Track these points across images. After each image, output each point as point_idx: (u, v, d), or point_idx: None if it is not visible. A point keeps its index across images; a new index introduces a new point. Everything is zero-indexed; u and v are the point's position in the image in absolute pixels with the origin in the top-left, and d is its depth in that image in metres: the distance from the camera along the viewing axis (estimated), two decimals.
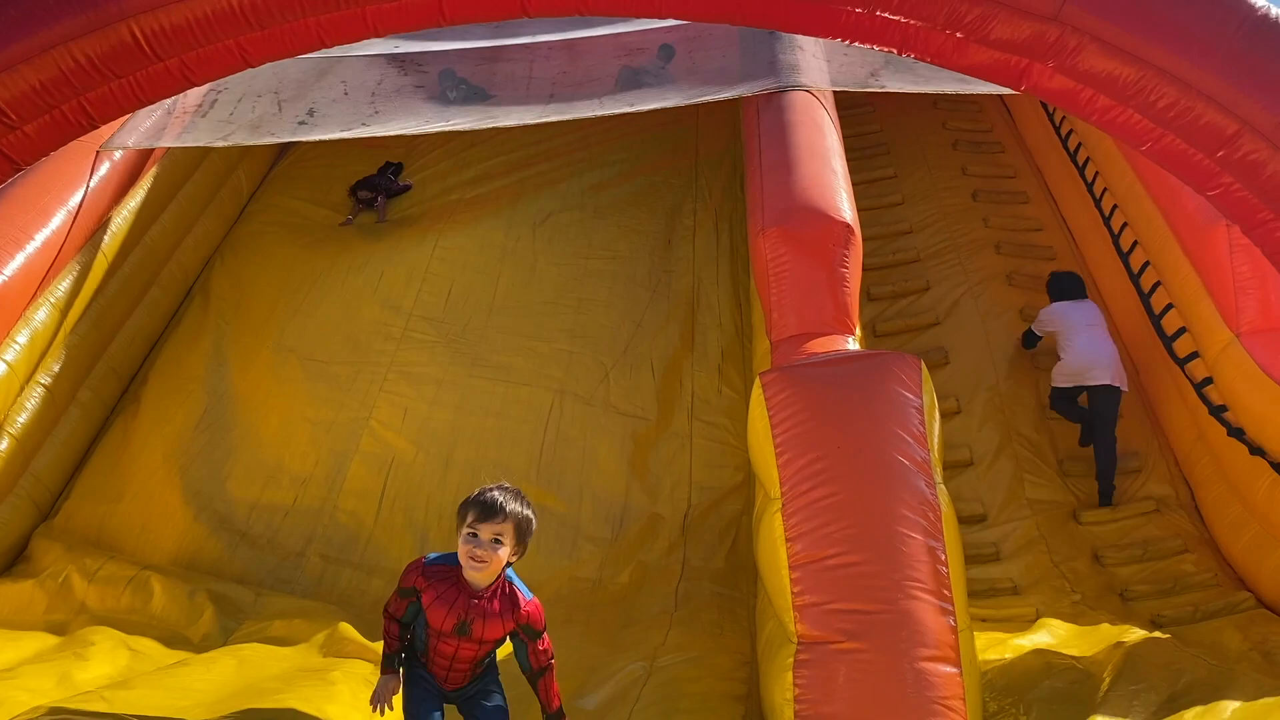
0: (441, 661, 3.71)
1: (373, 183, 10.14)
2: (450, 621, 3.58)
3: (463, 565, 3.53)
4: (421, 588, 3.62)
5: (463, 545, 3.50)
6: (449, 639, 3.63)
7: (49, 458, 7.37)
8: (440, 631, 3.61)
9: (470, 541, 3.48)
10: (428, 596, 3.60)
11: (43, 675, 4.88)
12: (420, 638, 3.75)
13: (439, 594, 3.58)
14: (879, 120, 10.48)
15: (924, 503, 3.71)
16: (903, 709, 3.47)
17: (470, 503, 3.53)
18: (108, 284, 8.07)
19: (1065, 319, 7.49)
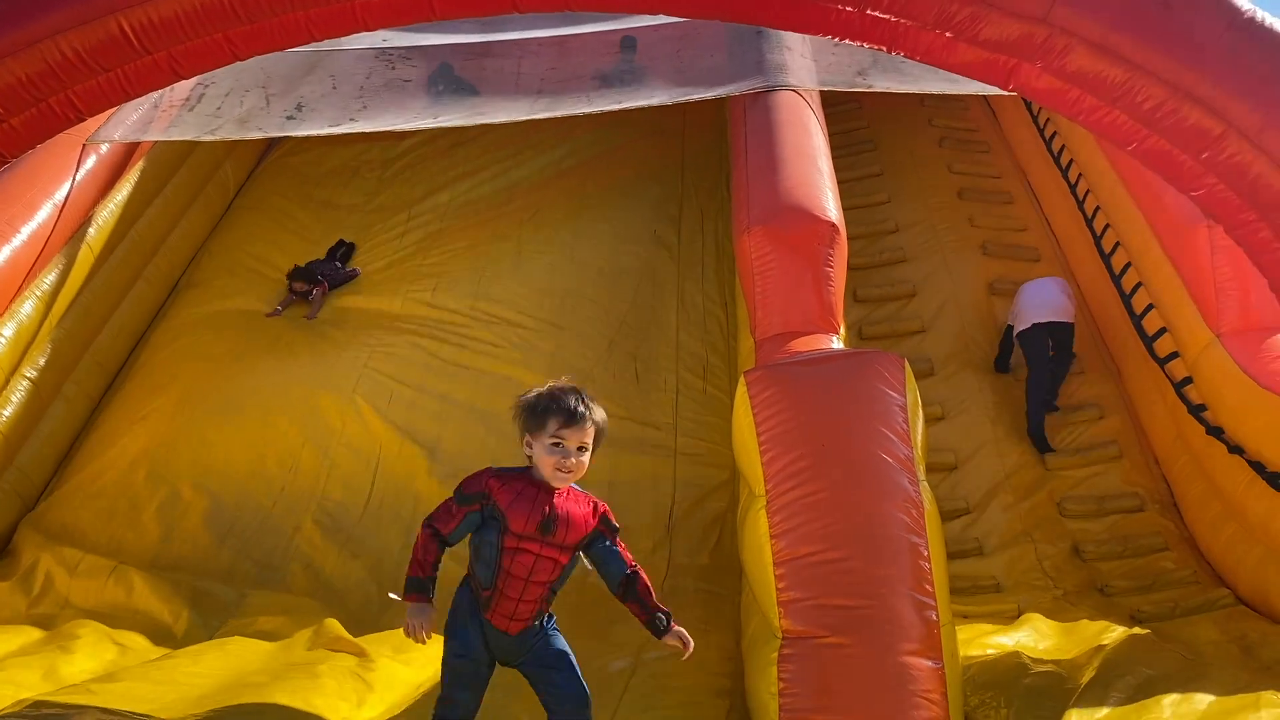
0: (513, 589, 3.36)
1: (313, 272, 8.93)
2: (534, 521, 3.32)
3: (547, 477, 3.34)
4: (495, 489, 3.36)
5: (547, 456, 3.32)
6: (530, 544, 3.34)
7: (33, 451, 7.36)
8: (521, 535, 3.32)
9: (556, 452, 3.31)
10: (505, 496, 3.34)
11: (28, 669, 4.87)
12: (489, 560, 3.37)
13: (518, 493, 3.35)
14: (866, 117, 10.52)
15: (907, 499, 3.75)
16: (885, 702, 3.52)
17: (548, 410, 3.34)
18: (94, 278, 8.06)
19: (1022, 288, 8.02)
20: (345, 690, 4.60)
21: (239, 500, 7.39)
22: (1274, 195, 4.31)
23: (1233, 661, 4.79)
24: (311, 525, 7.17)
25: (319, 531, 7.14)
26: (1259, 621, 5.64)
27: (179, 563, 7.01)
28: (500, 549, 3.35)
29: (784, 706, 3.58)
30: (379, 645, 5.24)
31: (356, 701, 4.51)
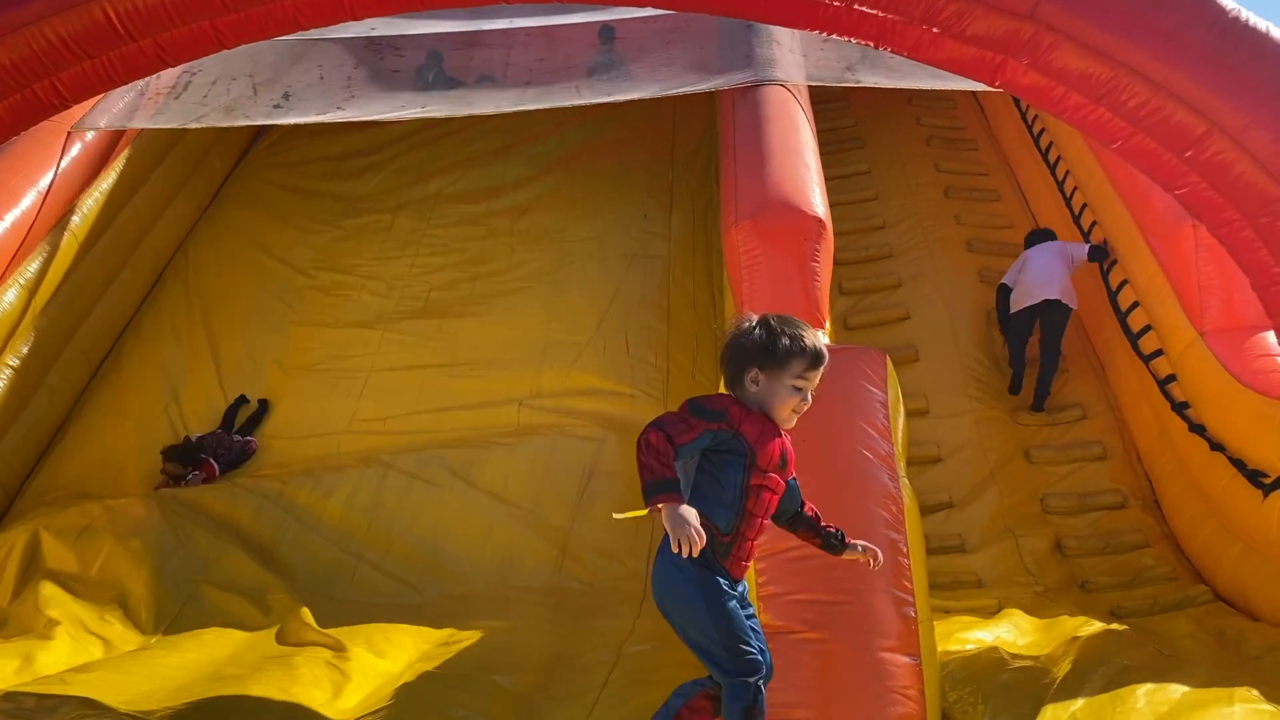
0: (751, 530, 3.10)
1: (194, 450, 7.41)
2: (774, 456, 3.08)
3: (781, 418, 3.08)
4: (739, 418, 3.04)
5: (787, 397, 3.07)
6: (770, 481, 3.09)
7: (15, 440, 7.34)
8: (765, 471, 3.07)
9: (797, 394, 3.07)
10: (751, 428, 3.04)
11: (4, 658, 4.86)
12: (730, 502, 3.06)
13: (761, 427, 3.07)
14: (854, 114, 10.53)
15: (886, 496, 3.76)
16: (862, 697, 3.53)
17: (793, 352, 3.07)
18: (78, 266, 8.02)
19: (1024, 256, 8.05)
20: (321, 680, 4.59)
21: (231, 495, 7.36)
22: (1256, 194, 4.34)
23: (1209, 656, 4.82)
24: (300, 525, 7.14)
25: (307, 531, 7.10)
26: (1236, 618, 5.69)
27: (161, 553, 6.99)
28: (745, 487, 3.04)
29: None
30: (353, 637, 5.23)
31: (333, 692, 4.51)
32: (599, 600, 6.23)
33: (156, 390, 8.15)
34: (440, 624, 5.71)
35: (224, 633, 5.43)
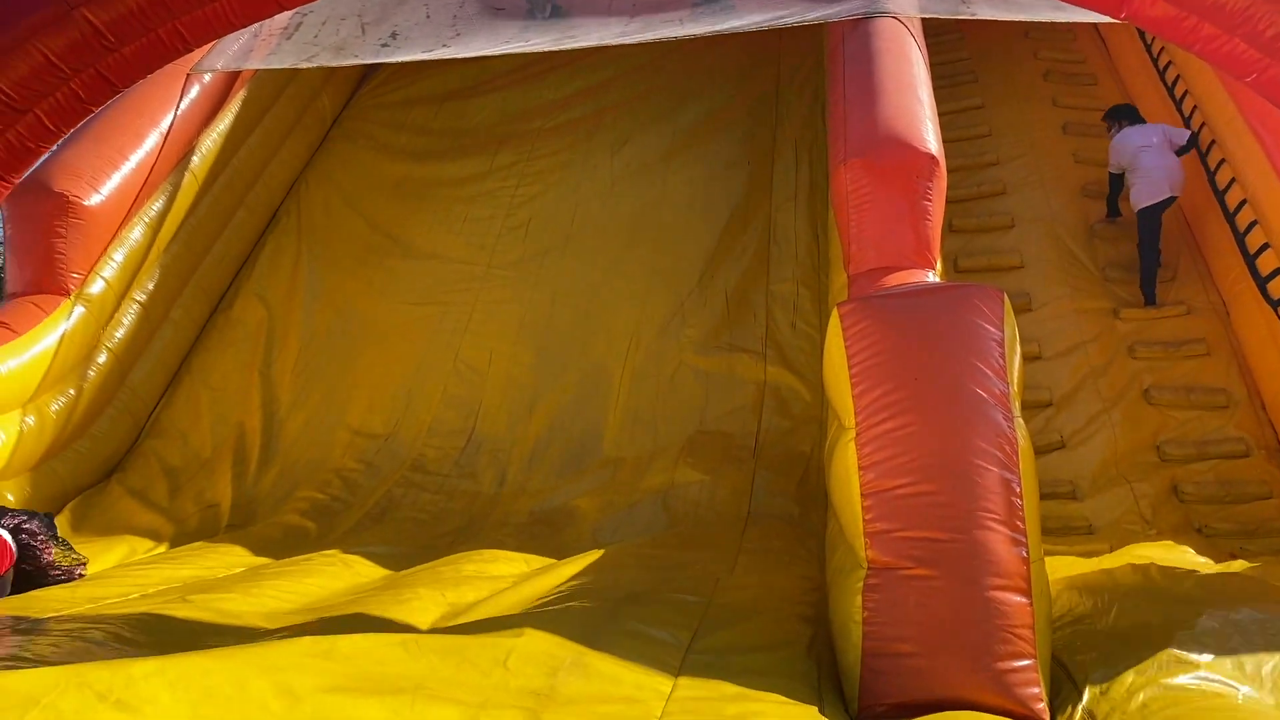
0: None
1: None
2: None
3: None
4: None
5: None
6: None
7: (144, 372, 7.68)
8: None
9: None
10: None
11: (139, 576, 5.14)
12: None
13: None
14: (968, 48, 10.17)
15: (1000, 435, 3.68)
16: (970, 635, 3.50)
17: None
18: (198, 205, 8.30)
19: (1131, 144, 7.93)
20: (429, 604, 4.71)
21: (351, 435, 7.63)
22: None
23: None
24: (411, 466, 7.37)
25: (418, 472, 7.33)
26: None
27: (272, 489, 7.29)
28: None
29: (868, 634, 3.59)
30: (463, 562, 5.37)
31: (440, 615, 4.62)
32: (698, 537, 6.28)
33: (263, 327, 8.45)
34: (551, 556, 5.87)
35: (336, 570, 5.57)
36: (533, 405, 7.77)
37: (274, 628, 4.19)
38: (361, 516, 6.92)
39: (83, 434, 7.14)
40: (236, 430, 7.71)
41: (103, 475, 7.31)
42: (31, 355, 6.66)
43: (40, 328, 6.79)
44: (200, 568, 5.44)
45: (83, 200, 7.09)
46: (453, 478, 7.36)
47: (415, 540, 6.43)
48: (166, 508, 6.99)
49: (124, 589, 4.72)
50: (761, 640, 3.87)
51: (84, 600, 4.47)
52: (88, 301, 7.13)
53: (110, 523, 6.71)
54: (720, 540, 5.97)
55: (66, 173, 7.12)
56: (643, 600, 4.35)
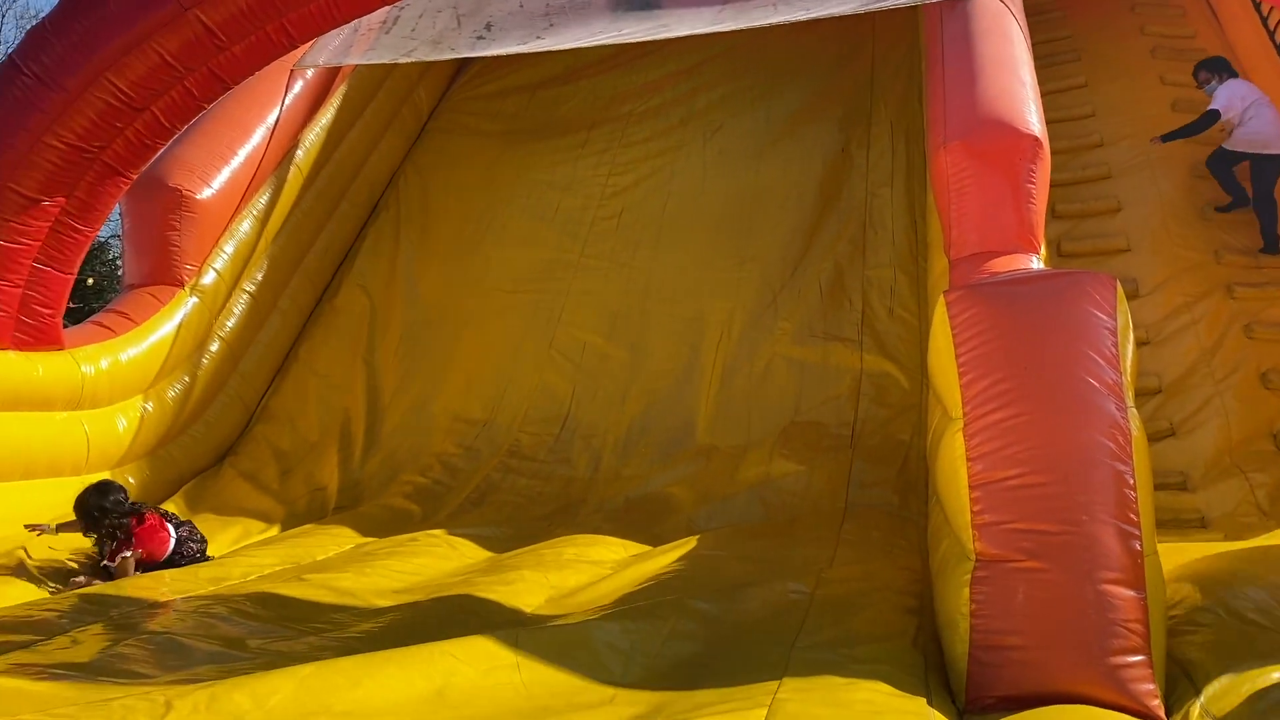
0: None
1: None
2: None
3: None
4: None
5: None
6: None
7: (254, 360, 7.95)
8: None
9: None
10: None
11: (256, 556, 5.34)
12: None
13: None
14: (1070, 25, 9.89)
15: (1113, 425, 3.59)
16: (1082, 628, 3.43)
17: None
18: (303, 198, 8.55)
19: (1241, 95, 7.94)
20: (535, 587, 4.80)
21: (451, 419, 7.80)
22: None
23: None
24: (508, 451, 7.50)
25: (514, 457, 7.45)
26: None
27: (375, 475, 7.49)
28: None
29: (976, 627, 3.55)
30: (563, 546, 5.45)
31: (545, 599, 4.71)
32: (795, 528, 6.27)
33: (366, 315, 8.67)
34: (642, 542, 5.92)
35: (443, 550, 5.72)
36: (625, 393, 7.83)
37: (387, 605, 4.32)
38: (462, 500, 7.08)
39: (197, 419, 7.43)
40: (342, 415, 7.93)
41: (216, 459, 7.60)
42: (150, 344, 6.95)
43: (157, 317, 7.08)
44: (312, 548, 5.63)
45: (195, 195, 7.36)
46: (548, 463, 7.48)
47: (514, 523, 6.55)
48: (277, 490, 7.24)
49: (244, 569, 4.92)
50: (867, 632, 3.85)
51: (207, 581, 4.67)
52: (201, 292, 7.41)
53: (223, 505, 6.98)
54: (818, 531, 5.95)
55: (180, 168, 7.40)
56: (745, 593, 4.36)
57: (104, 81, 5.73)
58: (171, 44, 5.78)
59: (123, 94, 5.82)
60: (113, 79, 5.73)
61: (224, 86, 6.20)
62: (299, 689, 2.76)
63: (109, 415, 6.59)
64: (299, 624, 3.94)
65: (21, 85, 5.68)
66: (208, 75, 6.04)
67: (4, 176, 5.72)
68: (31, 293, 6.01)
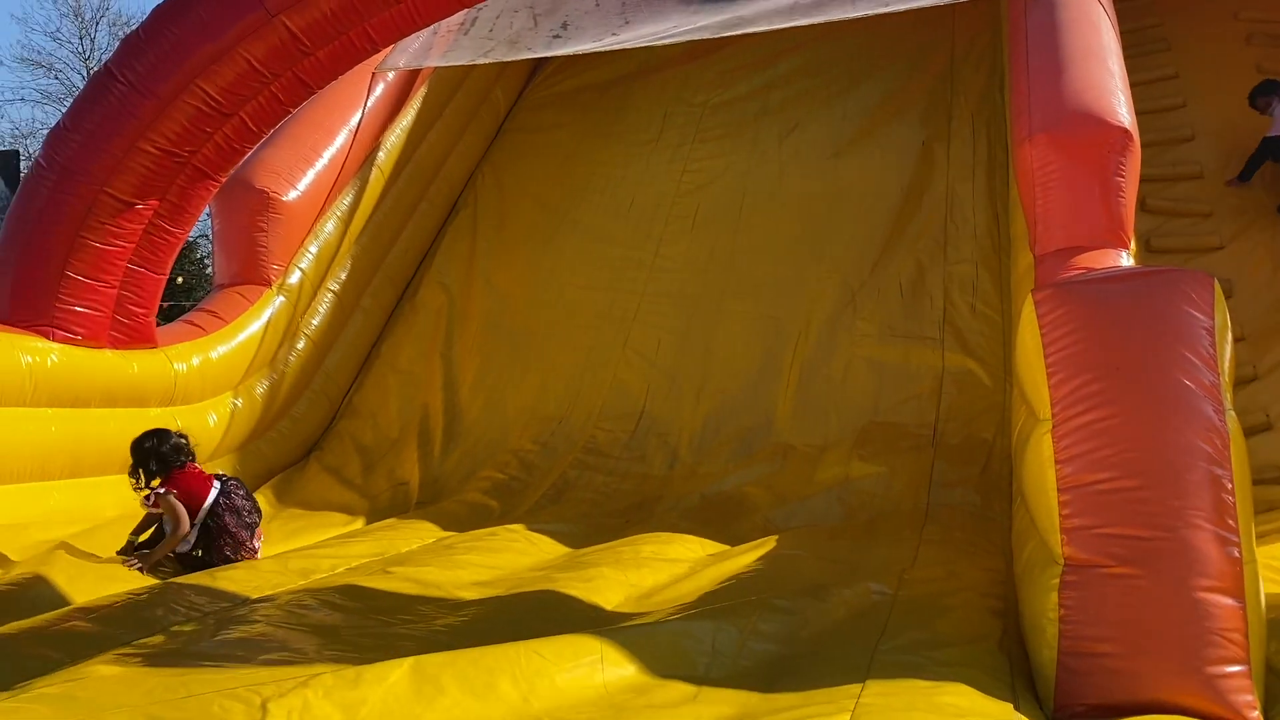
0: None
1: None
2: None
3: None
4: None
5: None
6: None
7: (338, 357, 8.13)
8: None
9: None
10: None
11: (342, 549, 5.45)
12: None
13: None
14: (1159, 13, 9.58)
15: (1210, 429, 3.48)
16: (1177, 637, 3.34)
17: None
18: (384, 199, 8.71)
19: None
20: (614, 584, 4.83)
21: (527, 418, 7.88)
22: None
23: None
24: (584, 449, 7.55)
25: (590, 454, 7.50)
26: None
27: (459, 474, 7.59)
28: None
29: (1064, 633, 3.47)
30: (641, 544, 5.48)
31: (623, 597, 4.73)
32: (875, 529, 6.20)
33: (444, 313, 8.79)
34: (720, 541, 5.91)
35: (521, 545, 5.78)
36: (700, 392, 7.82)
37: (470, 598, 4.39)
38: (539, 497, 7.14)
39: (284, 415, 7.62)
40: (421, 411, 8.06)
41: (302, 455, 7.79)
42: (239, 342, 7.15)
43: (246, 316, 7.27)
44: (396, 542, 5.73)
45: (281, 196, 7.54)
46: (624, 460, 7.50)
47: (591, 519, 6.59)
48: (360, 485, 7.39)
49: (332, 562, 5.03)
50: (951, 635, 3.79)
51: (297, 574, 4.79)
52: (287, 291, 7.59)
53: (309, 499, 7.15)
54: (899, 532, 5.88)
55: (267, 171, 7.58)
56: (827, 594, 4.33)
57: (195, 88, 5.89)
58: (258, 50, 5.91)
59: (212, 100, 5.98)
60: (203, 85, 5.89)
61: (309, 91, 6.34)
62: (387, 697, 2.81)
63: (200, 411, 6.78)
64: (386, 616, 4.03)
65: (117, 93, 5.87)
66: (293, 80, 6.18)
67: (100, 181, 5.92)
68: (126, 293, 6.21)
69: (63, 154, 5.90)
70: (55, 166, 5.91)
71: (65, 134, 5.93)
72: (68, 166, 5.88)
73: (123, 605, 4.06)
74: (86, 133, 5.87)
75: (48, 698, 2.93)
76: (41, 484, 5.79)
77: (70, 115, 6.01)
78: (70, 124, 5.96)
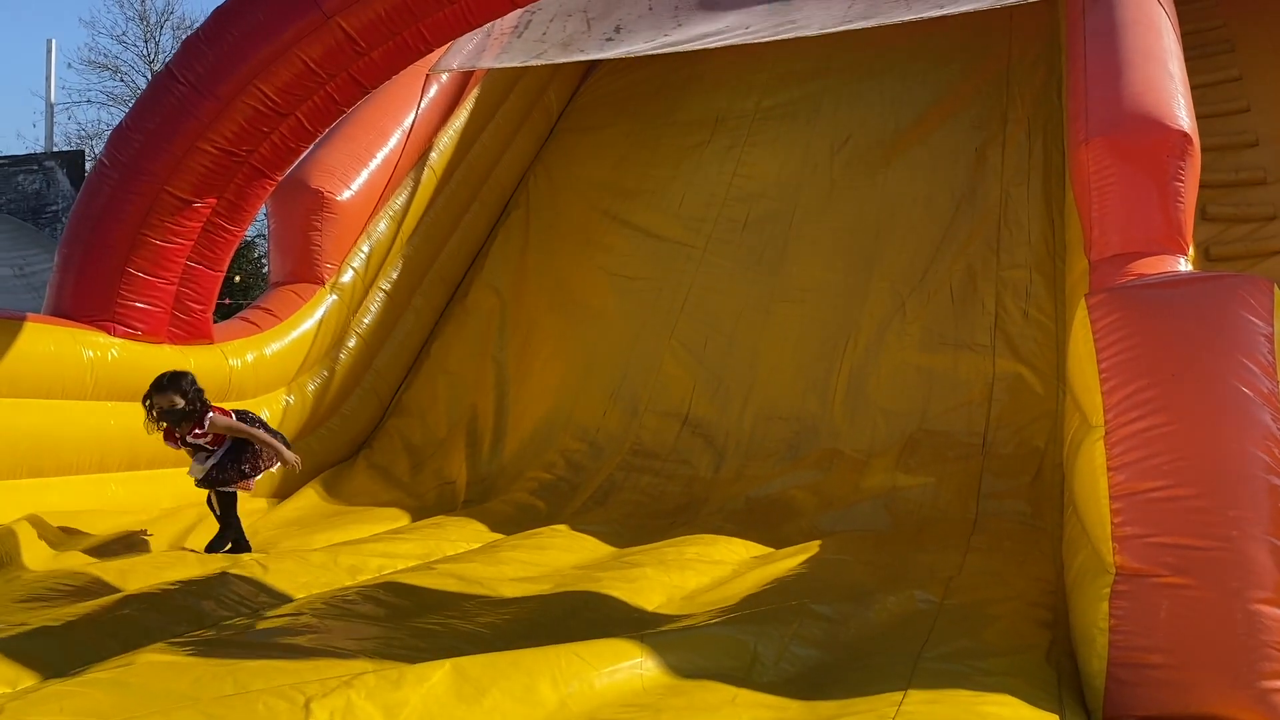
0: None
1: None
2: None
3: None
4: None
5: None
6: None
7: (389, 356, 8.22)
8: None
9: None
10: None
11: (390, 547, 5.51)
12: None
13: None
14: (1223, 14, 9.39)
15: (1268, 437, 3.40)
16: (1231, 649, 3.26)
17: None
18: (436, 199, 8.79)
19: None
20: (659, 584, 4.82)
21: (569, 415, 7.91)
22: None
23: None
24: (630, 448, 7.56)
25: (636, 453, 7.51)
26: None
27: (503, 468, 7.64)
28: None
29: (1115, 643, 3.41)
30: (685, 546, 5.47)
31: (666, 597, 4.72)
32: (923, 536, 6.13)
33: (495, 314, 8.85)
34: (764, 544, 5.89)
35: (567, 546, 5.79)
36: (748, 394, 7.79)
37: (513, 595, 4.42)
38: (586, 498, 7.16)
39: (334, 413, 7.72)
40: (470, 412, 8.13)
41: (351, 452, 7.88)
42: (292, 339, 7.26)
43: (299, 314, 7.38)
44: (442, 540, 5.77)
45: (335, 196, 7.65)
46: (670, 461, 7.50)
47: (636, 520, 6.60)
48: (408, 484, 7.47)
49: (380, 561, 5.09)
50: (998, 645, 3.74)
51: (345, 572, 4.85)
52: (340, 290, 7.69)
53: (357, 495, 7.23)
54: (947, 540, 5.81)
55: (321, 170, 7.70)
56: (871, 601, 4.29)
57: (253, 88, 6.00)
58: (315, 51, 6.01)
59: (270, 100, 6.09)
60: (261, 86, 6.00)
61: (363, 91, 6.43)
62: (428, 698, 2.83)
63: (254, 407, 6.87)
64: (430, 613, 4.06)
65: (177, 94, 6.00)
66: (348, 80, 6.27)
67: (161, 180, 6.05)
68: (185, 289, 6.34)
69: (125, 153, 6.04)
70: (118, 165, 6.06)
71: (127, 134, 6.07)
72: (130, 165, 6.02)
73: (174, 594, 4.14)
74: (148, 133, 6.01)
75: (100, 683, 3.00)
76: (100, 475, 5.93)
77: (132, 116, 6.16)
78: (132, 124, 6.10)
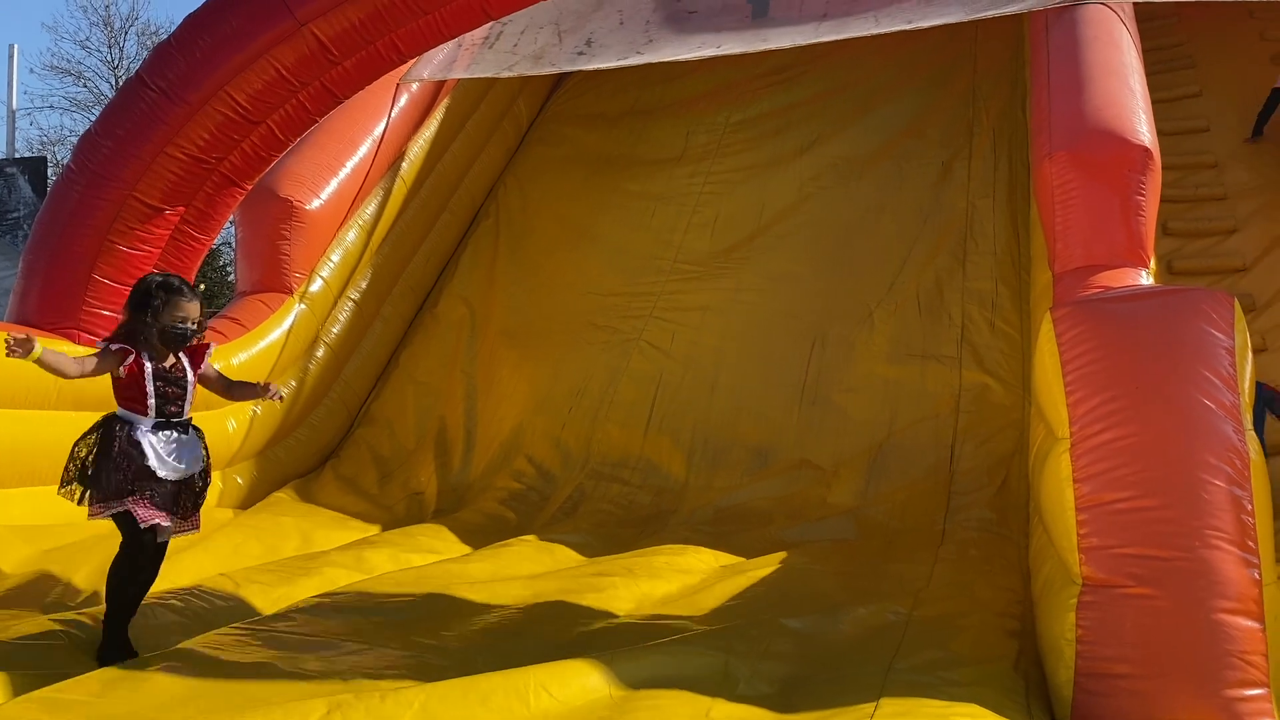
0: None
1: None
2: None
3: None
4: None
5: None
6: None
7: (357, 366, 8.16)
8: None
9: None
10: None
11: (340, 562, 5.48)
12: None
13: None
14: (1184, 31, 9.58)
15: (1230, 449, 3.47)
16: (1196, 658, 3.32)
17: None
18: (406, 209, 8.75)
19: None
20: (633, 592, 4.83)
21: (532, 421, 7.90)
22: None
23: None
24: (597, 451, 7.56)
25: (604, 457, 7.51)
26: None
27: (470, 476, 7.61)
28: None
29: (1081, 653, 3.46)
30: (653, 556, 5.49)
31: (635, 605, 4.73)
32: (891, 549, 6.18)
33: (465, 324, 8.83)
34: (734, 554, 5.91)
35: (537, 555, 5.79)
36: (716, 403, 7.82)
37: (485, 602, 4.42)
38: (556, 509, 7.15)
39: (302, 423, 7.65)
40: (439, 422, 8.09)
41: (319, 462, 7.81)
42: (260, 348, 7.18)
43: (267, 323, 7.31)
44: (412, 550, 5.75)
45: (304, 205, 7.60)
46: (639, 470, 7.51)
47: (606, 529, 6.60)
48: (376, 495, 7.42)
49: (347, 573, 5.06)
50: (967, 655, 3.78)
51: (313, 582, 4.81)
52: (309, 299, 7.63)
53: (325, 506, 7.15)
54: (915, 551, 5.86)
55: (290, 179, 7.64)
56: (841, 613, 4.32)
57: (224, 95, 5.95)
58: (287, 59, 5.97)
59: (241, 108, 6.04)
60: (232, 93, 5.95)
61: (335, 100, 6.39)
62: None
63: (220, 417, 6.81)
64: (401, 626, 4.05)
65: (147, 100, 5.94)
66: (320, 89, 6.23)
67: (129, 187, 5.98)
68: None
69: (93, 160, 5.97)
70: (85, 172, 5.98)
71: (96, 140, 6.00)
72: (98, 172, 5.95)
73: (169, 603, 4.11)
74: (117, 139, 5.94)
75: (56, 703, 2.98)
76: None
77: (101, 121, 6.08)
78: (101, 130, 6.03)
